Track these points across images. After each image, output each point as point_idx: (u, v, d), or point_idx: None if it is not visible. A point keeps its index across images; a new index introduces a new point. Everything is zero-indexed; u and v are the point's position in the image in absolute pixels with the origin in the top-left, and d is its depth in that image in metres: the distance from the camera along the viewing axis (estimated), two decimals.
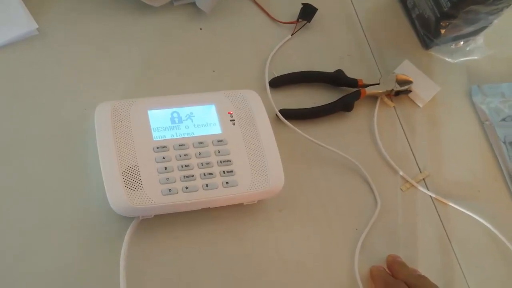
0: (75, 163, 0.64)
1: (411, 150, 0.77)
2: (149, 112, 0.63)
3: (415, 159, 0.76)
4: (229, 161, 0.62)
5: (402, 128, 0.78)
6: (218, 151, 0.63)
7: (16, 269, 0.58)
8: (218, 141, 0.64)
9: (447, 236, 0.72)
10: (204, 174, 0.61)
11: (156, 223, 0.62)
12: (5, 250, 0.58)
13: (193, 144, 0.63)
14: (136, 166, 0.59)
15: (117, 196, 0.58)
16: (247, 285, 0.63)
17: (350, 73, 0.78)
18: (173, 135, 0.63)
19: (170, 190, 0.59)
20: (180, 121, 0.64)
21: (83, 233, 0.61)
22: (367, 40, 0.84)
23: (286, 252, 0.65)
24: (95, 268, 0.59)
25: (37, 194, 0.62)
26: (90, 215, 0.61)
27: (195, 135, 0.64)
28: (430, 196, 0.74)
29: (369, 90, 0.77)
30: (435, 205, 0.74)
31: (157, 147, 0.61)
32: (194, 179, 0.60)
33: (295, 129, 0.71)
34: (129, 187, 0.58)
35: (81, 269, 0.59)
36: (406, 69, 0.81)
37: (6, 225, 0.60)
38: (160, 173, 0.60)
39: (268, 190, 0.63)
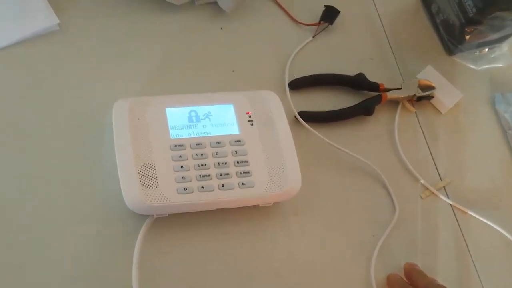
0: (91, 158, 0.64)
1: (432, 157, 0.76)
2: (167, 110, 0.63)
3: (435, 166, 0.75)
4: (246, 161, 0.62)
5: (423, 135, 0.77)
6: (235, 151, 0.62)
7: (29, 261, 0.58)
8: (236, 141, 0.63)
9: (466, 245, 0.70)
10: (221, 174, 0.60)
11: (170, 222, 0.61)
12: (20, 241, 0.58)
13: (210, 144, 0.62)
14: (152, 164, 0.59)
15: (133, 194, 0.57)
16: (260, 287, 0.62)
17: (372, 77, 0.76)
18: (190, 134, 0.62)
19: (185, 189, 0.58)
20: (198, 120, 0.64)
21: (98, 230, 0.60)
22: (389, 44, 0.83)
23: (300, 257, 0.64)
24: (108, 264, 0.59)
25: (52, 188, 0.62)
26: (105, 212, 0.61)
27: (213, 134, 0.63)
28: (450, 204, 0.72)
29: (390, 95, 0.75)
30: (454, 214, 0.72)
31: (174, 146, 0.61)
32: (210, 179, 0.60)
33: (314, 132, 0.70)
34: (144, 185, 0.58)
35: (94, 264, 0.59)
36: (429, 74, 0.79)
37: (21, 217, 0.60)
38: (176, 171, 0.59)
39: (285, 192, 0.62)
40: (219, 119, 0.64)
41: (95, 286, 0.58)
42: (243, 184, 0.61)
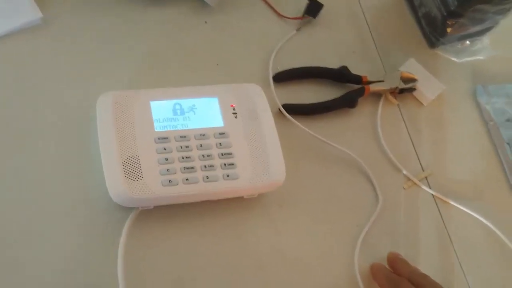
0: (76, 153, 0.64)
1: (414, 148, 0.76)
2: (151, 103, 0.63)
3: (418, 157, 0.76)
4: (231, 154, 0.62)
5: (406, 126, 0.78)
6: (220, 143, 0.63)
7: (15, 255, 0.58)
8: (220, 133, 0.63)
9: (448, 235, 0.71)
10: (205, 166, 0.61)
11: (155, 214, 0.61)
12: (5, 237, 0.58)
13: (194, 136, 0.62)
14: (136, 157, 0.59)
15: (117, 186, 0.58)
16: (245, 279, 0.62)
17: (355, 70, 0.77)
18: (174, 127, 0.63)
19: (170, 181, 0.59)
20: (182, 113, 0.64)
21: (82, 222, 0.61)
22: (372, 37, 0.84)
23: (285, 248, 0.65)
24: (93, 257, 0.59)
25: (37, 182, 0.62)
26: (90, 205, 0.61)
27: (197, 127, 0.63)
28: (432, 194, 0.73)
29: (373, 87, 0.76)
30: (437, 204, 0.73)
31: (159, 138, 0.61)
32: (195, 171, 0.60)
33: (298, 124, 0.71)
34: (129, 177, 0.58)
35: (79, 258, 0.59)
36: (411, 67, 0.80)
37: (5, 211, 0.59)
38: (160, 164, 0.59)
39: (269, 183, 0.62)
40: (203, 112, 0.65)
41: (81, 279, 0.58)
42: (227, 176, 0.61)
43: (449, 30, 0.81)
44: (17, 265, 0.57)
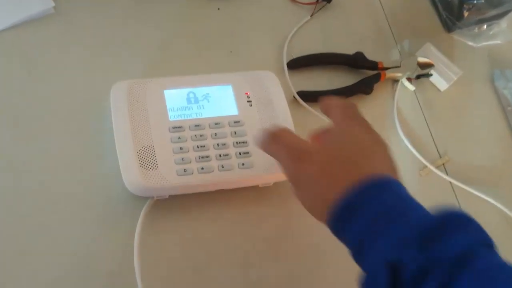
0: (91, 142, 0.64)
1: (431, 134, 0.75)
2: (165, 92, 0.63)
3: (435, 144, 0.75)
4: (245, 142, 0.62)
5: (422, 112, 0.77)
6: (235, 132, 0.62)
7: (30, 243, 0.58)
8: (235, 122, 0.63)
9: None
10: (220, 155, 0.60)
11: (170, 203, 0.61)
12: (20, 227, 0.58)
13: (209, 125, 0.62)
14: (151, 146, 0.59)
15: (132, 176, 0.57)
16: (260, 268, 0.62)
17: (370, 56, 0.76)
18: (189, 116, 0.62)
19: (185, 170, 0.58)
20: (197, 101, 0.64)
21: (98, 211, 0.60)
22: (388, 22, 0.82)
23: (301, 236, 0.65)
24: (109, 247, 0.59)
25: (52, 172, 0.62)
26: (105, 195, 0.61)
27: (211, 116, 0.63)
28: (450, 181, 0.72)
29: (389, 73, 0.75)
30: (454, 191, 0.72)
31: (173, 127, 0.61)
32: (210, 160, 0.60)
33: (312, 111, 0.70)
34: (144, 166, 0.58)
35: (95, 247, 0.59)
36: (428, 52, 0.79)
37: (21, 199, 0.60)
38: (175, 153, 0.59)
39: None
40: (217, 100, 0.64)
41: (97, 269, 0.58)
42: (242, 164, 0.61)
43: (466, 14, 0.80)
44: (33, 254, 0.57)
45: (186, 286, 0.60)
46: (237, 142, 0.62)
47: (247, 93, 0.65)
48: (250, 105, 0.65)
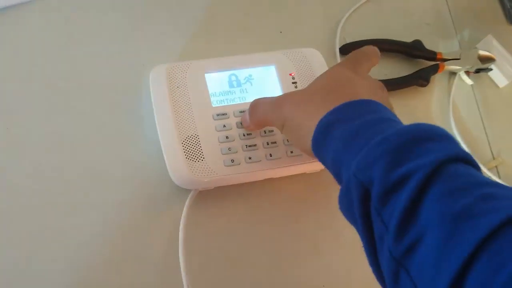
0: (130, 126, 0.61)
1: (486, 133, 0.71)
2: (206, 75, 0.60)
3: (489, 143, 0.71)
4: None
5: (479, 109, 0.73)
6: None
7: (68, 223, 0.56)
8: None
9: None
10: (267, 143, 0.58)
11: (214, 193, 0.58)
12: (57, 203, 0.57)
13: None
14: (196, 136, 0.56)
15: (179, 168, 0.55)
16: (300, 263, 0.60)
17: (428, 45, 0.72)
18: (232, 101, 0.59)
19: (232, 161, 0.56)
20: (239, 84, 0.60)
21: (140, 201, 0.58)
22: (448, 9, 0.77)
23: (342, 233, 0.62)
24: (152, 236, 0.57)
25: (91, 158, 0.59)
26: (147, 184, 0.59)
27: None
28: None
29: (448, 65, 0.71)
30: None
31: (217, 114, 0.58)
32: (257, 149, 0.57)
33: None
34: (190, 158, 0.55)
35: (138, 237, 0.57)
36: (489, 45, 0.74)
37: (61, 179, 0.58)
38: (221, 142, 0.56)
39: None
40: (261, 82, 0.61)
41: (142, 258, 0.56)
42: (291, 152, 0.58)
43: None
44: (81, 244, 0.56)
45: (230, 276, 0.58)
46: None
47: (291, 74, 0.62)
48: (296, 87, 0.61)
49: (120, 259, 0.56)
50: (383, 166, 0.38)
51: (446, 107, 0.71)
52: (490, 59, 0.72)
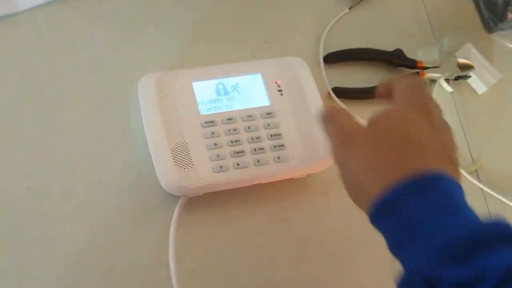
0: (120, 131, 0.63)
1: (466, 139, 0.74)
2: (194, 84, 0.61)
3: (469, 148, 0.73)
4: (279, 134, 0.60)
5: (458, 115, 0.75)
6: (268, 124, 0.60)
7: (59, 231, 0.57)
8: (267, 113, 0.61)
9: None
10: (255, 149, 0.59)
11: (203, 199, 0.60)
12: (49, 210, 0.58)
13: (241, 118, 0.60)
14: (185, 143, 0.57)
15: (168, 175, 0.56)
16: (290, 266, 0.61)
17: (409, 53, 0.74)
18: (220, 108, 0.60)
19: (221, 167, 0.57)
20: (226, 92, 0.62)
21: (130, 208, 0.60)
22: (428, 19, 0.80)
23: (329, 237, 0.63)
24: (142, 242, 0.58)
25: (83, 161, 0.61)
26: (137, 191, 0.60)
27: (243, 107, 0.61)
28: (482, 188, 0.71)
29: (428, 73, 0.73)
30: (485, 199, 0.71)
31: (205, 122, 0.59)
32: (245, 155, 0.58)
33: (347, 109, 0.68)
34: (179, 165, 0.56)
35: (127, 245, 0.58)
36: (468, 53, 0.76)
37: (51, 187, 0.59)
38: (210, 149, 0.58)
39: (320, 163, 0.61)
40: (247, 90, 0.62)
41: (132, 265, 0.57)
42: (278, 158, 0.59)
43: (510, 15, 0.78)
44: (71, 251, 0.57)
45: (220, 281, 0.59)
46: (271, 135, 0.60)
47: (277, 82, 0.63)
48: (281, 95, 0.63)
49: (110, 266, 0.57)
50: (451, 266, 0.37)
51: None
52: (469, 67, 0.74)
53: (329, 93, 0.69)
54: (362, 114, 0.67)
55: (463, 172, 0.70)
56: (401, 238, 0.41)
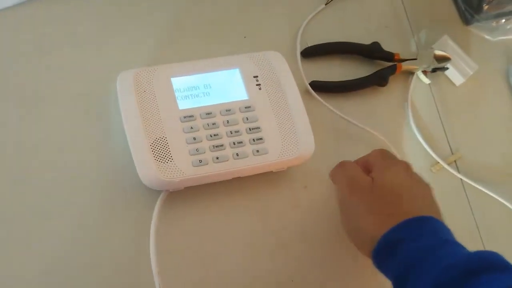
0: (99, 129, 0.62)
1: (444, 130, 0.74)
2: (172, 79, 0.61)
3: (447, 139, 0.74)
4: (258, 128, 0.60)
5: (436, 107, 0.75)
6: (246, 118, 0.61)
7: (41, 229, 0.57)
8: (246, 107, 0.61)
9: (475, 221, 0.70)
10: (234, 143, 0.59)
11: (184, 194, 0.60)
12: (30, 209, 0.58)
13: (220, 112, 0.60)
14: (164, 138, 0.57)
15: (148, 170, 0.56)
16: (269, 258, 0.62)
17: (386, 46, 0.74)
18: (198, 103, 0.60)
19: (200, 161, 0.57)
20: (205, 87, 0.62)
21: (111, 205, 0.60)
22: (405, 12, 0.80)
23: (308, 229, 0.64)
24: (122, 237, 0.58)
25: (60, 161, 0.60)
26: (117, 183, 0.60)
27: (221, 102, 0.61)
28: (461, 179, 0.72)
29: (405, 65, 0.73)
30: (464, 189, 0.71)
31: (184, 117, 0.59)
32: (224, 149, 0.58)
33: (324, 103, 0.69)
34: (159, 160, 0.56)
35: (109, 240, 0.58)
36: (445, 45, 0.77)
37: (32, 185, 0.59)
38: (189, 143, 0.58)
39: (299, 155, 0.61)
40: (226, 85, 0.63)
41: (113, 260, 0.58)
42: (257, 151, 0.59)
43: (485, 7, 0.78)
44: (43, 238, 0.57)
45: (201, 275, 0.59)
46: (250, 128, 0.60)
47: (255, 76, 0.64)
48: (260, 89, 0.63)
49: (91, 262, 0.57)
50: None
51: (405, 105, 0.73)
52: (445, 59, 0.75)
53: (306, 87, 0.69)
54: (338, 106, 0.69)
55: (442, 163, 0.71)
56: (400, 276, 0.49)
